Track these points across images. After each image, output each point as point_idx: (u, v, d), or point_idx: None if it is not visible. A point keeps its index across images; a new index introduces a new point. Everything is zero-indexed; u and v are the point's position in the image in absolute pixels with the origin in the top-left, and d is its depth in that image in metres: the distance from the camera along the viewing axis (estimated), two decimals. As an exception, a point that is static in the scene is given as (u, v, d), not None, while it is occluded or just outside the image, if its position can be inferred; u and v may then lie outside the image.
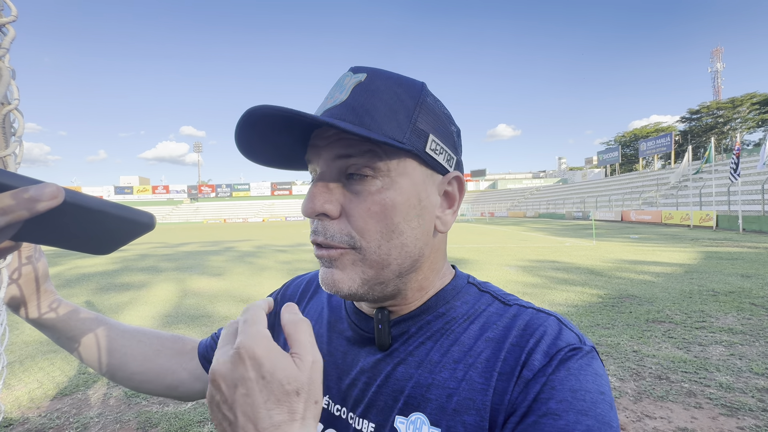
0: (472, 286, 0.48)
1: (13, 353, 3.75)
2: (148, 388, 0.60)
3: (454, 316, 0.44)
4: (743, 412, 2.44)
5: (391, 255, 0.40)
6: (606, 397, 0.35)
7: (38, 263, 0.51)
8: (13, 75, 0.41)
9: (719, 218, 18.15)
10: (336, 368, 0.47)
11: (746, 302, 4.87)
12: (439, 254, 0.46)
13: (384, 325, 0.44)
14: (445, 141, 0.42)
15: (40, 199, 0.25)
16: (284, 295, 0.61)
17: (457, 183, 0.44)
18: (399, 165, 0.39)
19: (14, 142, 0.35)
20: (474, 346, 0.41)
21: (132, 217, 0.31)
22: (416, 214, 0.41)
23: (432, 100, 0.43)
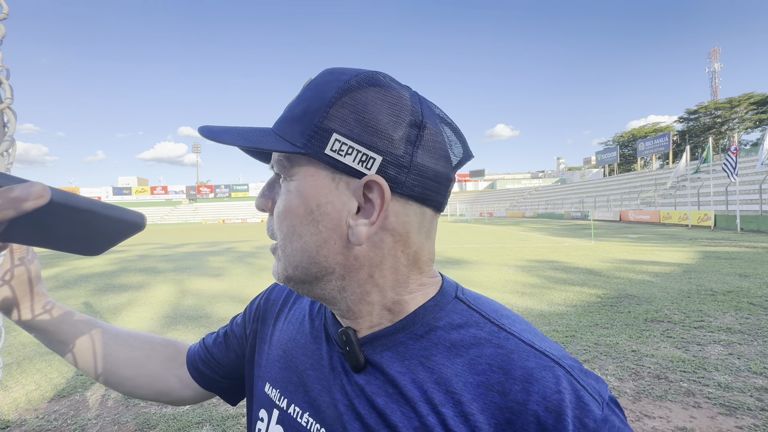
0: (460, 302, 0.42)
1: (10, 355, 3.73)
2: (139, 393, 0.60)
3: (434, 341, 0.39)
4: (742, 411, 2.44)
5: (295, 257, 0.40)
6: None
7: (31, 265, 0.50)
8: (6, 74, 0.40)
9: (717, 218, 18.20)
10: (317, 383, 0.44)
11: (744, 302, 4.88)
12: (386, 268, 0.39)
13: (351, 347, 0.40)
14: (365, 138, 0.36)
15: (26, 198, 0.24)
16: (267, 300, 0.58)
17: (377, 188, 0.36)
18: (300, 169, 0.38)
19: (5, 142, 0.35)
20: (464, 390, 0.36)
21: (122, 216, 0.30)
22: (314, 220, 0.38)
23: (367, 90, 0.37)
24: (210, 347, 0.60)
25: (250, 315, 0.58)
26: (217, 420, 2.55)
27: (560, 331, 4.03)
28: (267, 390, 0.49)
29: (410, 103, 0.38)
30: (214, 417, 2.59)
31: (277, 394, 0.47)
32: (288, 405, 0.45)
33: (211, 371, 0.58)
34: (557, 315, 4.60)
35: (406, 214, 0.38)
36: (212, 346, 0.60)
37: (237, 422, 2.53)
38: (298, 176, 0.39)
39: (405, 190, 0.37)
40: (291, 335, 0.50)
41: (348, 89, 0.37)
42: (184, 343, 0.65)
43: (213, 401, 2.76)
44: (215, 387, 0.59)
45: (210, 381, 0.59)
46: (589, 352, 3.46)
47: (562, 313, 4.69)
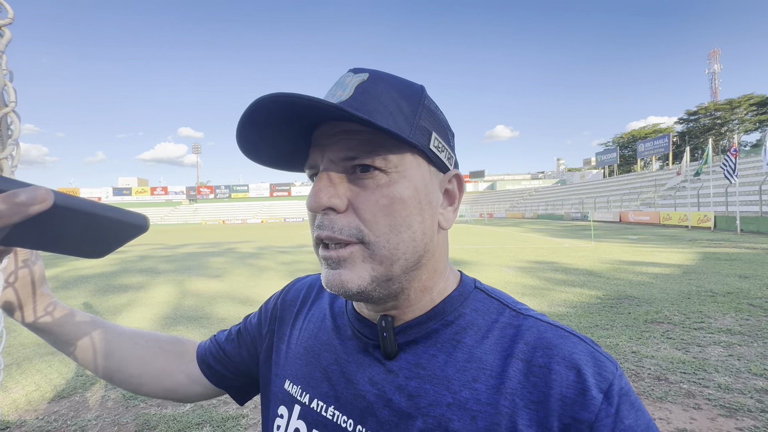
0: (480, 291, 0.46)
1: (10, 356, 3.73)
2: (146, 390, 0.60)
3: (463, 326, 0.43)
4: (742, 412, 2.44)
5: (400, 249, 0.39)
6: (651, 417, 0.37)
7: (34, 266, 0.51)
8: (10, 77, 0.40)
9: (717, 219, 18.20)
10: (342, 377, 0.45)
11: (744, 303, 4.88)
12: (442, 253, 0.45)
13: (389, 333, 0.42)
14: (445, 141, 0.43)
15: (30, 203, 0.24)
16: (284, 300, 0.59)
17: (457, 181, 0.45)
18: (405, 160, 0.40)
19: (10, 145, 0.35)
20: (493, 365, 0.39)
21: (125, 219, 0.30)
22: (422, 209, 0.40)
23: (431, 102, 0.43)
24: (222, 344, 0.60)
25: (266, 315, 0.59)
26: (217, 421, 2.55)
27: (560, 332, 4.03)
28: (287, 387, 0.50)
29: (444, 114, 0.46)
30: (214, 418, 2.58)
31: (299, 390, 0.48)
32: (311, 400, 0.46)
33: (222, 368, 0.59)
34: (557, 316, 4.60)
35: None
36: (225, 342, 0.60)
37: (237, 423, 2.53)
38: (404, 167, 0.39)
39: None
40: (312, 333, 0.51)
41: (425, 96, 0.42)
42: (191, 340, 0.65)
43: (213, 402, 2.76)
44: (225, 384, 0.60)
45: (221, 377, 0.59)
46: (589, 354, 3.45)
47: (562, 314, 4.69)
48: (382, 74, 0.41)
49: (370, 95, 0.38)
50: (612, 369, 0.38)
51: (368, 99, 0.38)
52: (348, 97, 0.38)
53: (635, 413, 0.36)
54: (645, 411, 0.37)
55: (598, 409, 0.35)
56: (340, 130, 0.39)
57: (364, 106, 0.38)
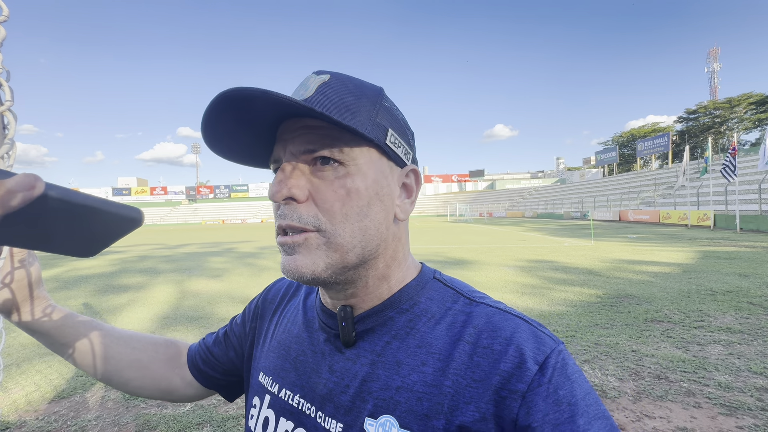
0: (438, 282, 0.48)
1: (10, 356, 3.73)
2: (144, 393, 0.61)
3: (417, 313, 0.45)
4: (742, 411, 2.44)
5: (355, 238, 0.41)
6: (593, 390, 0.38)
7: (31, 267, 0.50)
8: (7, 77, 0.40)
9: (717, 218, 18.21)
10: (308, 367, 0.48)
11: (744, 301, 4.89)
12: (400, 243, 0.47)
13: (347, 322, 0.45)
14: (402, 137, 0.46)
15: (18, 189, 0.22)
16: (266, 299, 0.61)
17: (414, 175, 0.47)
18: (362, 153, 0.42)
19: (6, 144, 0.34)
20: (442, 348, 0.41)
21: (119, 212, 0.28)
22: (378, 200, 0.43)
23: (389, 102, 0.46)
24: (210, 346, 0.63)
25: (249, 314, 0.62)
26: (217, 421, 2.55)
27: (560, 331, 4.03)
28: (260, 378, 0.53)
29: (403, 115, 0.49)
30: (215, 418, 2.58)
31: (270, 380, 0.51)
32: (279, 390, 0.49)
33: (211, 369, 0.61)
34: (557, 315, 4.60)
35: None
36: (212, 345, 0.63)
37: (237, 423, 2.53)
38: (362, 160, 0.42)
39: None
40: (286, 327, 0.54)
41: (383, 96, 0.45)
42: (184, 343, 0.66)
43: (213, 402, 2.76)
44: (215, 384, 0.62)
45: (210, 379, 0.62)
46: (590, 352, 3.46)
47: (562, 313, 4.69)
48: (342, 76, 0.44)
49: (331, 94, 0.41)
50: (551, 344, 0.39)
51: (328, 98, 0.40)
52: (310, 95, 0.40)
53: (570, 384, 0.37)
54: (583, 383, 0.38)
55: (531, 379, 0.37)
56: (301, 125, 0.41)
57: (323, 104, 0.40)
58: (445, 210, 65.01)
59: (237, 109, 0.38)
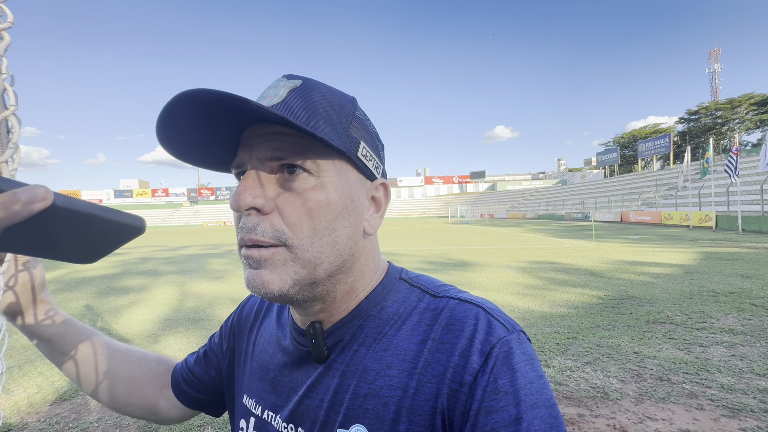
0: (403, 282, 0.47)
1: (12, 358, 3.73)
2: (127, 410, 0.60)
3: (385, 318, 0.44)
4: (745, 413, 2.43)
5: (323, 253, 0.39)
6: (544, 379, 0.38)
7: (35, 270, 0.50)
8: (11, 81, 0.40)
9: (719, 219, 18.15)
10: (285, 386, 0.47)
11: (747, 303, 4.87)
12: (369, 256, 0.46)
13: (318, 339, 0.44)
14: (373, 150, 0.45)
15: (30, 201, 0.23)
16: (240, 316, 0.60)
17: (384, 189, 0.46)
18: (333, 165, 0.41)
19: (10, 149, 0.35)
20: (407, 349, 0.41)
21: (122, 220, 0.29)
22: (348, 214, 0.41)
23: (362, 114, 0.45)
24: (192, 367, 0.62)
25: (226, 333, 0.61)
26: (218, 423, 2.55)
27: (562, 332, 4.02)
28: (245, 401, 0.52)
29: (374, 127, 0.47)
30: (216, 420, 2.58)
31: (253, 402, 0.51)
32: (262, 411, 0.49)
33: (194, 390, 0.61)
34: (559, 316, 4.59)
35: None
36: (194, 365, 0.62)
37: (238, 425, 2.53)
38: (332, 172, 0.40)
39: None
40: (263, 347, 0.53)
41: (356, 107, 0.44)
42: (172, 360, 0.66)
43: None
44: (199, 405, 0.62)
45: (194, 400, 0.61)
46: (591, 354, 3.45)
47: (564, 314, 4.68)
48: (314, 82, 0.42)
49: (302, 101, 0.39)
50: (500, 333, 0.39)
51: (299, 105, 0.39)
52: (280, 101, 0.39)
53: (512, 373, 0.36)
54: (527, 372, 0.37)
55: (476, 370, 0.37)
56: (269, 131, 0.39)
57: (294, 111, 0.38)
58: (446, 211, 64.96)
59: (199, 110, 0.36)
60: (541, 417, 0.35)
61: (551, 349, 3.57)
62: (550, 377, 3.02)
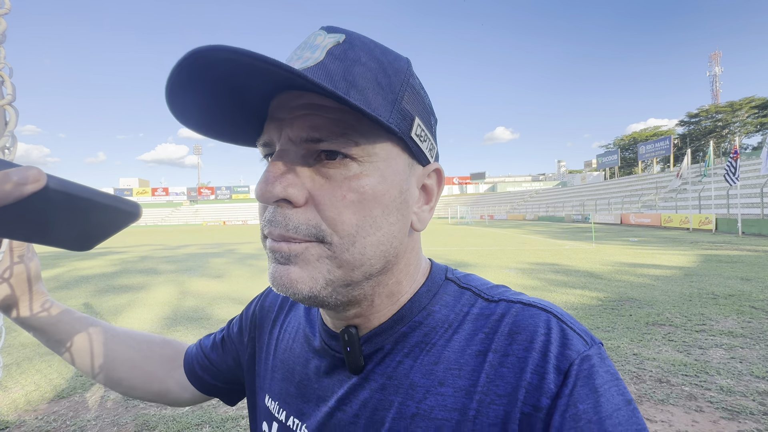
0: (451, 283, 0.41)
1: (10, 355, 3.73)
2: (135, 394, 0.59)
3: (433, 326, 0.38)
4: (744, 415, 2.43)
5: (365, 254, 0.33)
6: (633, 404, 0.32)
7: (30, 263, 0.50)
8: (9, 73, 0.40)
9: (718, 221, 18.16)
10: (313, 393, 0.42)
11: (746, 305, 4.86)
12: (413, 255, 0.40)
13: (353, 346, 0.38)
14: (427, 128, 0.37)
15: (22, 182, 0.22)
16: (263, 306, 0.56)
17: (437, 176, 0.39)
18: (381, 149, 0.33)
19: (5, 137, 0.34)
20: (462, 363, 0.35)
21: (117, 205, 0.28)
22: (396, 208, 0.35)
23: (416, 80, 0.37)
24: (208, 353, 0.58)
25: (247, 322, 0.56)
26: (216, 422, 2.54)
27: (561, 334, 4.02)
28: (267, 402, 0.48)
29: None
30: (214, 419, 2.58)
31: (276, 406, 0.46)
32: (287, 417, 0.44)
33: (210, 377, 0.57)
34: (558, 318, 4.58)
35: None
36: (210, 351, 0.58)
37: (236, 424, 2.52)
38: (380, 157, 0.33)
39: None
40: (288, 345, 0.48)
41: (411, 72, 0.35)
42: (181, 344, 0.64)
43: (212, 402, 2.75)
44: (215, 391, 0.59)
45: (210, 386, 0.58)
46: (591, 356, 3.44)
47: (563, 316, 4.67)
48: (361, 38, 0.34)
49: (345, 64, 0.31)
50: (579, 347, 0.33)
51: (343, 68, 0.31)
52: (318, 62, 0.31)
53: (595, 397, 0.30)
54: (612, 396, 0.31)
55: (554, 393, 0.31)
56: (304, 102, 0.32)
57: (337, 76, 0.31)
58: (446, 212, 64.98)
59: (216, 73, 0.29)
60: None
61: (550, 351, 3.57)
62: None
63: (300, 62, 0.32)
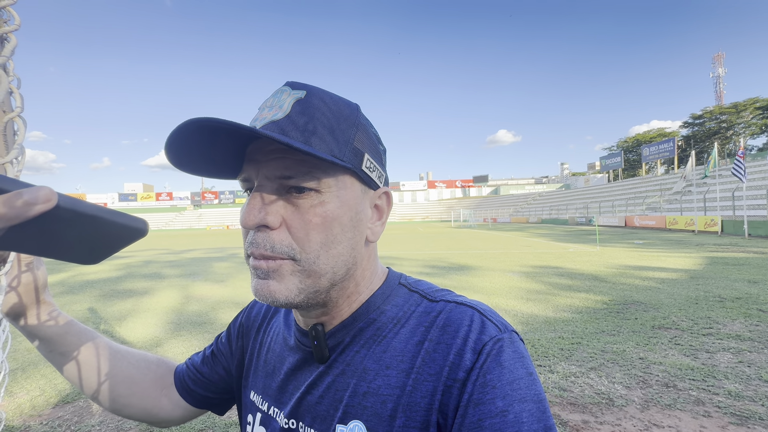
0: (402, 287, 0.49)
1: (15, 360, 3.75)
2: (128, 412, 0.60)
3: (384, 322, 0.46)
4: (753, 420, 2.39)
5: (328, 264, 0.42)
6: (534, 376, 0.39)
7: (38, 271, 0.50)
8: (17, 84, 0.41)
9: (724, 223, 18.02)
10: (290, 384, 0.50)
11: (754, 308, 4.81)
12: (370, 262, 0.48)
13: (320, 340, 0.46)
14: (376, 159, 0.46)
15: (33, 202, 0.23)
16: (249, 317, 0.62)
17: (386, 197, 0.48)
18: (339, 181, 0.42)
19: (15, 150, 0.35)
20: (404, 350, 0.43)
21: (126, 222, 0.29)
22: (353, 225, 0.43)
23: (365, 120, 0.46)
24: (199, 367, 0.63)
25: (234, 333, 0.63)
26: (219, 427, 2.54)
27: (566, 338, 3.99)
28: (252, 397, 0.55)
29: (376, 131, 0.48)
30: (217, 424, 2.58)
31: (260, 399, 0.53)
32: (269, 408, 0.51)
33: (202, 389, 0.62)
34: (563, 321, 4.55)
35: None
36: (201, 365, 0.63)
37: (239, 429, 2.52)
38: (337, 188, 0.42)
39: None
40: (270, 347, 0.56)
41: (360, 115, 0.45)
42: (172, 362, 0.66)
43: (216, 408, 2.75)
44: (206, 403, 0.63)
45: (201, 398, 0.62)
46: (596, 359, 3.41)
47: (568, 319, 4.64)
48: (319, 91, 0.43)
49: (308, 115, 0.40)
50: (492, 333, 0.41)
51: (305, 119, 0.40)
52: (284, 115, 0.40)
53: (500, 369, 0.38)
54: (515, 369, 0.39)
55: (469, 367, 0.39)
56: (276, 147, 0.40)
57: (300, 126, 0.39)
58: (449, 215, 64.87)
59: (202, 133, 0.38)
60: (529, 410, 0.37)
61: (555, 355, 3.54)
62: (554, 383, 2.99)
63: (272, 113, 0.41)
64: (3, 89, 0.35)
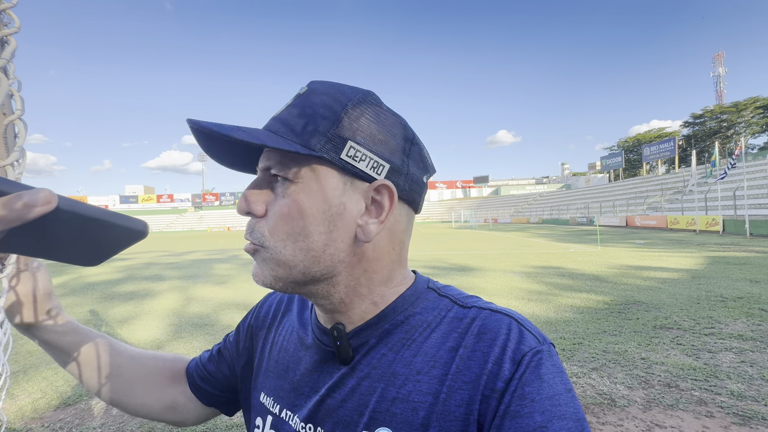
0: (432, 291, 0.48)
1: (17, 363, 3.75)
2: (144, 412, 0.59)
3: (414, 325, 0.44)
4: (756, 421, 2.38)
5: (297, 257, 0.41)
6: (572, 393, 0.38)
7: (39, 272, 0.50)
8: (18, 86, 0.41)
9: (725, 223, 17.99)
10: (306, 386, 0.48)
11: (756, 308, 4.80)
12: (379, 263, 0.44)
13: (342, 341, 0.45)
14: (374, 148, 0.41)
15: (33, 204, 0.23)
16: (258, 316, 0.61)
17: (387, 192, 0.42)
18: (311, 171, 0.41)
19: (15, 152, 0.35)
20: (437, 356, 0.42)
21: (125, 224, 0.29)
22: (327, 219, 0.41)
23: (369, 107, 0.42)
24: (206, 364, 0.63)
25: (243, 332, 0.61)
26: (221, 429, 2.54)
27: (567, 338, 3.98)
28: (262, 399, 0.52)
29: (403, 121, 0.45)
30: (219, 426, 2.57)
31: (271, 401, 0.51)
32: (281, 410, 0.49)
33: (209, 386, 0.61)
34: (564, 322, 4.54)
35: (399, 214, 0.45)
36: (208, 362, 0.63)
37: (242, 431, 2.52)
38: (308, 178, 0.41)
39: (401, 194, 0.44)
40: (282, 346, 0.54)
41: (356, 103, 0.42)
42: (187, 358, 0.66)
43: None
44: (215, 401, 0.62)
45: (208, 395, 0.61)
46: (598, 360, 3.40)
47: (569, 320, 4.63)
48: (321, 84, 0.44)
49: (298, 108, 0.42)
50: (531, 344, 0.40)
51: (294, 111, 0.42)
52: (281, 111, 0.43)
53: (539, 383, 0.37)
54: (555, 384, 0.37)
55: (508, 378, 0.38)
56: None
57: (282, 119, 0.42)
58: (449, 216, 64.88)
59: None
60: (569, 429, 0.35)
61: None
62: (556, 383, 2.99)
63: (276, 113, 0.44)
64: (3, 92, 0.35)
